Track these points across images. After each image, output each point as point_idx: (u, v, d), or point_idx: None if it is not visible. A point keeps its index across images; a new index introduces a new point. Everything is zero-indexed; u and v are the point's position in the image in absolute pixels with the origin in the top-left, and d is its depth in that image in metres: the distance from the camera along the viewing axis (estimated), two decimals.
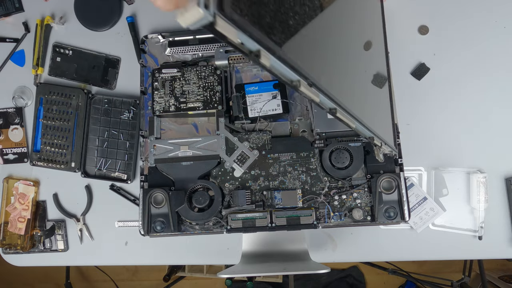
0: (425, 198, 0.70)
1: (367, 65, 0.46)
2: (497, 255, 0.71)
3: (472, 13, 0.73)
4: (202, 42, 0.70)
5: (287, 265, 0.62)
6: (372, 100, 0.47)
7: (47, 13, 0.79)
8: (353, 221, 0.62)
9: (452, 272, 1.50)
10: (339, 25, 0.36)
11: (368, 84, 0.45)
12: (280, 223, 0.61)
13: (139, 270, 1.64)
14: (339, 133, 0.64)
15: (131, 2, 0.78)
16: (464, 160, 0.71)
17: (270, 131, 0.66)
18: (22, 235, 0.75)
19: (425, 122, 0.72)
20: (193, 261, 0.75)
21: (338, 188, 0.62)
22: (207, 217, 0.62)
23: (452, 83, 0.73)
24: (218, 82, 0.67)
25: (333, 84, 0.32)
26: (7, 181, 0.76)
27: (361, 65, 0.44)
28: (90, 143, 0.74)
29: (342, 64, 0.37)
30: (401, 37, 0.73)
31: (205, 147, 0.64)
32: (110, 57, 0.77)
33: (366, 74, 0.44)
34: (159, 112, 0.67)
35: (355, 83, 0.41)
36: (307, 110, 0.68)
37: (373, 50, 0.48)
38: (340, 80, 0.35)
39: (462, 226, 0.70)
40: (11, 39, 0.79)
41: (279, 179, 0.63)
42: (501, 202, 0.70)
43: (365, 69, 0.43)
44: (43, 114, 0.76)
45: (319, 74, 0.28)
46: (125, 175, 0.74)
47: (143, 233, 0.63)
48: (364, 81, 0.44)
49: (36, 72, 0.77)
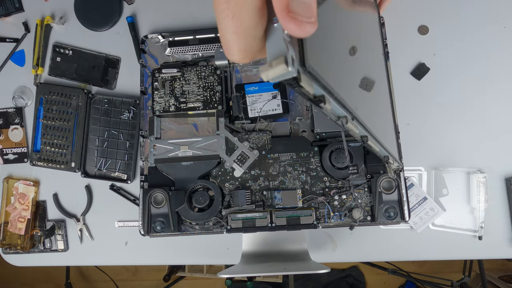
0: (425, 198, 0.70)
1: (378, 77, 0.45)
2: (497, 255, 0.71)
3: (472, 13, 0.73)
4: (202, 42, 0.70)
5: (287, 265, 0.62)
6: (380, 114, 0.47)
7: (47, 13, 0.79)
8: (353, 221, 0.62)
9: (452, 272, 1.50)
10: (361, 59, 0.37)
11: (376, 97, 0.45)
12: (280, 223, 0.61)
13: (139, 270, 1.64)
14: (339, 133, 0.64)
15: (131, 2, 0.78)
16: (464, 160, 0.71)
17: (270, 131, 0.66)
18: (22, 235, 0.75)
19: (425, 122, 0.72)
20: (193, 261, 0.75)
21: (338, 188, 0.63)
22: (207, 217, 0.62)
23: (452, 83, 0.73)
24: (218, 82, 0.67)
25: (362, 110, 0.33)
26: (7, 181, 0.76)
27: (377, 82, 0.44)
28: (90, 143, 0.74)
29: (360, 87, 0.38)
30: (401, 37, 0.73)
31: (205, 147, 0.64)
32: (110, 57, 0.77)
33: (376, 89, 0.43)
34: (159, 112, 0.67)
35: (372, 103, 0.41)
36: (307, 110, 0.68)
37: (375, 55, 0.48)
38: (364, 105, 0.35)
39: (462, 226, 0.70)
40: (11, 39, 0.79)
41: (279, 179, 0.63)
42: (501, 202, 0.70)
43: (376, 81, 0.43)
44: (43, 114, 0.76)
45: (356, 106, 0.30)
46: (125, 175, 0.74)
47: (143, 233, 0.63)
48: (375, 96, 0.44)
49: (36, 72, 0.77)
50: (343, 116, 0.28)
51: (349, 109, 0.28)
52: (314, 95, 0.24)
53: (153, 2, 0.78)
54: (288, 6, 0.19)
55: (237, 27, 0.22)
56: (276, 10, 0.20)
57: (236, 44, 0.23)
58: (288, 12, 0.19)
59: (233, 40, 0.23)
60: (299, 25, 0.19)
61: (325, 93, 0.24)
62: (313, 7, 0.20)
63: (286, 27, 0.20)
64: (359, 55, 0.35)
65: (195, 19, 0.77)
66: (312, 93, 0.24)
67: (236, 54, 0.23)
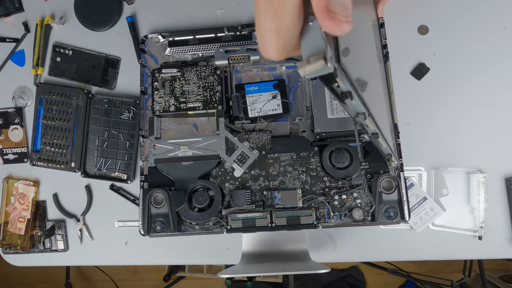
0: (425, 198, 0.70)
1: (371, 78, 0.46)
2: (497, 255, 0.71)
3: (472, 13, 0.73)
4: (202, 42, 0.70)
5: (287, 265, 0.62)
6: (382, 113, 0.47)
7: (47, 13, 0.79)
8: (353, 221, 0.62)
9: (452, 272, 1.50)
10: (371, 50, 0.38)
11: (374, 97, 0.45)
12: (280, 223, 0.61)
13: (139, 270, 1.64)
14: (339, 133, 0.64)
15: (131, 2, 0.78)
16: (464, 160, 0.71)
17: (270, 131, 0.66)
18: (22, 235, 0.75)
19: (425, 122, 0.72)
20: (193, 261, 0.75)
21: (338, 188, 0.63)
22: (207, 217, 0.62)
23: (452, 83, 0.73)
24: (218, 82, 0.67)
25: (373, 108, 0.34)
26: (7, 181, 0.76)
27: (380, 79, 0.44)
28: (90, 143, 0.74)
29: (375, 84, 0.39)
30: (401, 37, 0.73)
31: (205, 147, 0.64)
32: (110, 57, 0.77)
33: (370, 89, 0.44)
34: (159, 112, 0.67)
35: (375, 102, 0.42)
36: (307, 110, 0.68)
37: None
38: (373, 103, 0.36)
39: (462, 226, 0.70)
40: (11, 39, 0.79)
41: (279, 179, 0.63)
42: (501, 202, 0.70)
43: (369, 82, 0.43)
44: (43, 114, 0.76)
45: (370, 103, 0.32)
46: (125, 175, 0.74)
47: (143, 233, 0.63)
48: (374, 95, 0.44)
49: (36, 72, 0.77)
50: (361, 112, 0.29)
51: (367, 105, 0.29)
52: (342, 91, 0.26)
53: (153, 2, 0.78)
54: (328, 6, 0.21)
55: (278, 26, 0.23)
56: (315, 10, 0.21)
57: (274, 42, 0.24)
58: (328, 11, 0.21)
59: (271, 38, 0.24)
60: (338, 24, 0.21)
61: (351, 90, 0.25)
62: (349, 7, 0.21)
63: (324, 26, 0.21)
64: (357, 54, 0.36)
65: (195, 19, 0.77)
66: (342, 89, 0.25)
67: (274, 52, 0.25)
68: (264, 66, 0.69)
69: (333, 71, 0.22)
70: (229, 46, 0.68)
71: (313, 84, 0.65)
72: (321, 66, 0.22)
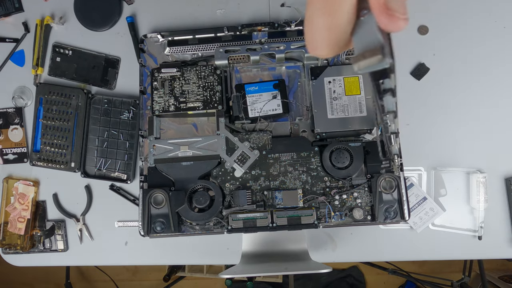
0: (425, 198, 0.70)
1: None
2: (497, 255, 0.71)
3: (472, 13, 0.73)
4: (201, 42, 0.70)
5: (287, 265, 0.62)
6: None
7: (47, 13, 0.79)
8: (354, 220, 0.62)
9: (452, 272, 1.50)
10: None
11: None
12: (281, 223, 0.61)
13: (139, 270, 1.64)
14: (339, 133, 0.64)
15: (131, 2, 0.78)
16: (464, 160, 0.71)
17: (271, 131, 0.66)
18: (22, 235, 0.75)
19: (425, 122, 0.72)
20: (193, 261, 0.75)
21: (339, 188, 0.63)
22: (208, 218, 0.61)
23: (452, 83, 0.73)
24: (218, 82, 0.67)
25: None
26: (7, 181, 0.76)
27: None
28: (90, 143, 0.74)
29: None
30: (401, 37, 0.73)
31: (205, 147, 0.64)
32: (110, 57, 0.77)
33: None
34: (159, 112, 0.67)
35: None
36: (307, 110, 0.68)
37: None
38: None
39: (462, 226, 0.70)
40: (11, 39, 0.79)
41: (279, 179, 0.63)
42: (501, 202, 0.70)
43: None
44: (43, 114, 0.75)
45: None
46: (125, 175, 0.74)
47: (143, 233, 0.63)
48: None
49: (36, 72, 0.77)
50: (392, 110, 0.30)
51: (397, 105, 0.30)
52: (386, 88, 0.26)
53: (153, 2, 0.78)
54: (386, 3, 0.21)
55: (332, 23, 0.24)
56: (373, 6, 0.22)
57: (326, 39, 0.25)
58: (386, 9, 0.21)
59: (324, 36, 0.24)
60: (395, 21, 0.21)
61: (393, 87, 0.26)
62: (405, 5, 0.22)
63: (382, 22, 0.22)
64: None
65: (195, 19, 0.77)
66: (389, 85, 0.26)
67: (325, 49, 0.25)
68: (264, 66, 0.69)
69: (389, 66, 0.23)
70: (229, 46, 0.68)
71: (313, 84, 0.65)
72: (377, 61, 0.22)
